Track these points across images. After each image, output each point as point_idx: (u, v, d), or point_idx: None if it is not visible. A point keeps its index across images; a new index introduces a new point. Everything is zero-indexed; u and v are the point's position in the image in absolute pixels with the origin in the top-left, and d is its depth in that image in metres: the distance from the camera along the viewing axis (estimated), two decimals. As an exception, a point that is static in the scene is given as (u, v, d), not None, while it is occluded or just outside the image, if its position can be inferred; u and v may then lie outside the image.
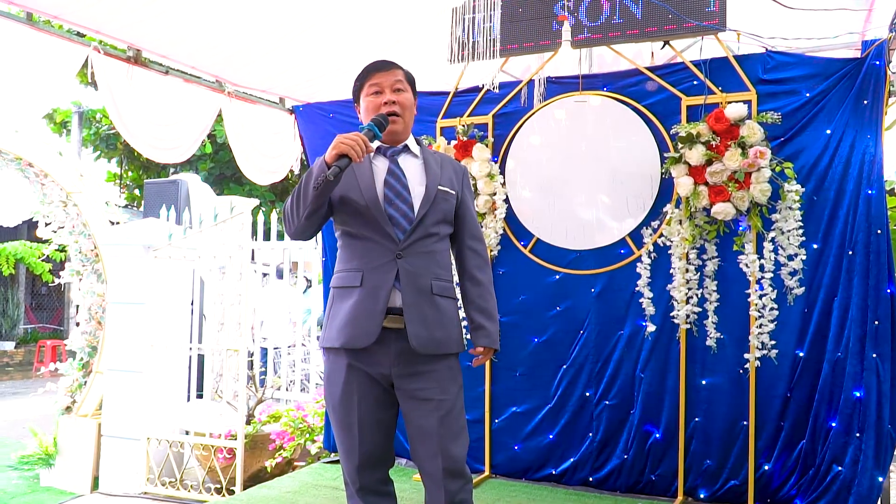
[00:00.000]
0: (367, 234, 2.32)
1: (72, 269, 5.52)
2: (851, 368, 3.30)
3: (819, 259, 3.43)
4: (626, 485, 3.75)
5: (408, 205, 2.32)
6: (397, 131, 2.40)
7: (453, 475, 2.27)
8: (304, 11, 4.10)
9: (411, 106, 2.45)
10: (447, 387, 2.32)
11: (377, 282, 2.28)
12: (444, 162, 2.48)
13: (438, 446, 2.26)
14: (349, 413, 2.32)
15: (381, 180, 2.35)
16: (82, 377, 5.40)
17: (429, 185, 2.36)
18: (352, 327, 2.28)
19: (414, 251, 2.30)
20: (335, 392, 2.34)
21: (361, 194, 2.31)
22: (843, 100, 3.37)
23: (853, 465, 3.26)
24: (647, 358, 3.72)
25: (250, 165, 5.15)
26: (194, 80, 4.66)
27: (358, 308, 2.28)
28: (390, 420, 2.38)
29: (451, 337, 2.35)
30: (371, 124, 2.27)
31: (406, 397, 2.31)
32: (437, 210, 2.35)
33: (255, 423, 4.91)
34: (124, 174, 11.57)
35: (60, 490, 5.07)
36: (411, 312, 2.26)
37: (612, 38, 3.68)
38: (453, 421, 2.30)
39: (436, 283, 2.32)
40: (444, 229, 2.40)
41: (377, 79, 2.42)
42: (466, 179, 2.54)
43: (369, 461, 2.34)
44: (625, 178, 3.74)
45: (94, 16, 3.87)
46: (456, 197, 2.44)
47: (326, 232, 4.47)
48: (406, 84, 2.45)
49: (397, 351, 2.28)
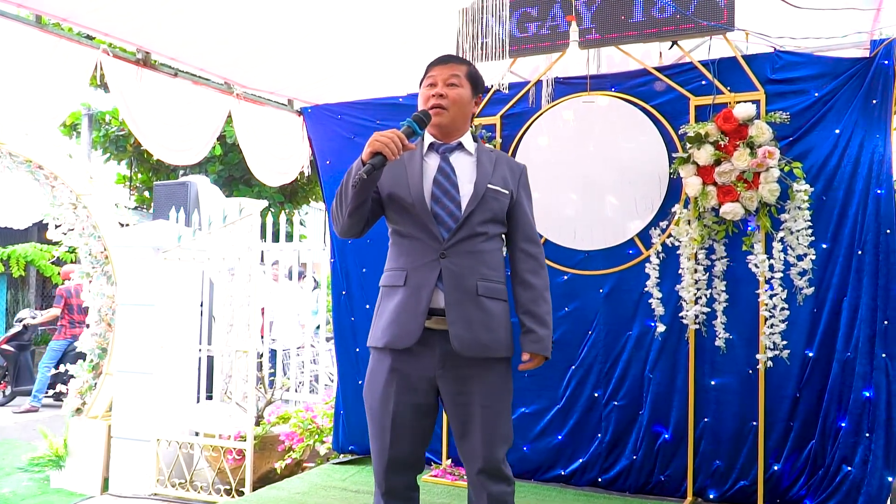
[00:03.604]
0: (413, 232, 2.29)
1: (82, 271, 5.55)
2: (861, 368, 3.29)
3: (828, 259, 3.42)
4: (635, 485, 3.75)
5: (455, 203, 2.27)
6: (443, 124, 2.35)
7: (494, 479, 2.28)
8: (310, 13, 4.12)
9: (464, 102, 2.37)
10: (492, 392, 2.27)
11: (420, 281, 2.24)
12: (500, 160, 2.41)
13: (480, 451, 2.25)
14: (384, 415, 2.29)
15: (431, 178, 2.31)
16: (92, 379, 5.42)
17: (478, 182, 2.30)
18: (395, 327, 2.26)
19: (459, 251, 2.25)
20: (375, 392, 2.32)
21: (409, 191, 2.28)
22: (852, 99, 3.36)
23: (863, 465, 3.25)
24: (655, 358, 3.71)
25: (261, 167, 5.17)
26: (203, 83, 4.69)
27: (401, 308, 2.26)
28: (425, 428, 2.34)
29: (498, 340, 2.28)
30: (410, 120, 2.23)
31: (450, 401, 2.28)
32: (486, 209, 2.29)
33: (265, 425, 4.92)
34: (134, 176, 11.61)
35: (71, 492, 5.09)
36: (454, 313, 2.21)
37: (619, 39, 3.68)
38: (497, 427, 2.27)
39: (482, 284, 2.26)
40: (493, 229, 2.33)
41: (434, 72, 2.38)
42: (524, 179, 2.46)
43: (397, 465, 2.31)
44: (633, 178, 3.74)
45: (104, 18, 3.90)
46: (510, 197, 2.36)
47: (335, 234, 4.48)
48: (463, 80, 2.37)
49: (442, 353, 2.25)
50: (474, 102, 2.43)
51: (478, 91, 2.44)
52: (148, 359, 4.89)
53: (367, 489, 3.87)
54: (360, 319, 4.40)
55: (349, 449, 4.45)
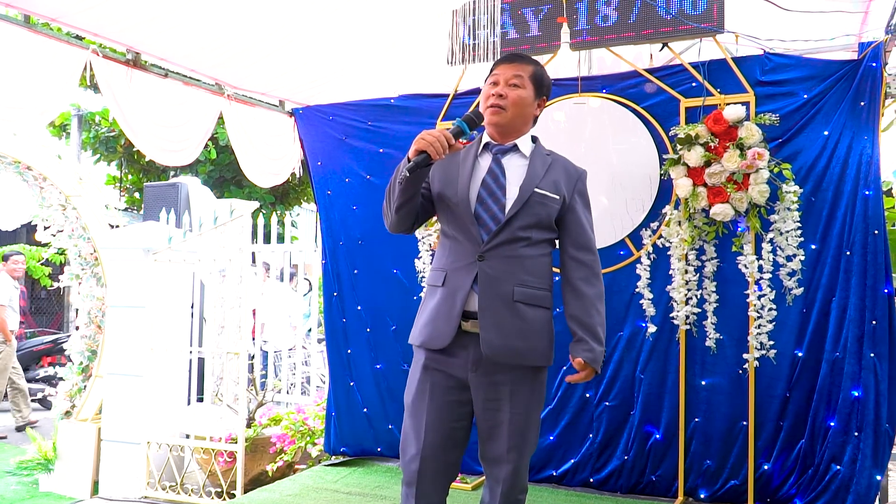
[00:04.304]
0: (456, 233, 2.28)
1: (71, 273, 5.52)
2: (849, 368, 3.31)
3: (817, 259, 3.44)
4: (626, 485, 3.76)
5: (499, 205, 2.23)
6: (501, 124, 2.31)
7: (514, 485, 2.27)
8: (302, 14, 4.11)
9: (525, 104, 2.31)
10: (523, 400, 2.25)
11: (457, 283, 2.23)
12: (555, 165, 2.34)
13: (505, 457, 2.24)
14: (419, 412, 2.28)
15: (480, 179, 2.28)
16: (82, 381, 5.40)
17: (524, 186, 2.25)
18: (431, 327, 2.26)
19: (498, 254, 2.21)
20: (411, 389, 2.32)
21: (456, 191, 2.26)
22: (841, 101, 3.39)
23: (851, 464, 3.27)
24: (646, 359, 3.73)
25: (253, 168, 5.16)
26: (194, 83, 4.68)
27: (438, 309, 2.25)
28: (459, 432, 2.30)
29: (534, 349, 2.24)
30: (459, 120, 2.21)
31: (480, 405, 2.26)
32: (530, 213, 2.23)
33: (256, 427, 4.91)
34: (124, 177, 11.54)
35: (60, 495, 5.07)
36: (486, 318, 2.18)
37: (610, 41, 3.69)
38: (525, 435, 2.25)
39: (519, 290, 2.21)
40: (538, 234, 2.27)
41: (498, 70, 2.33)
42: (581, 185, 2.37)
43: (430, 467, 2.27)
44: (624, 179, 3.75)
45: (93, 18, 3.88)
46: (561, 202, 2.29)
47: (326, 235, 4.48)
48: (527, 81, 2.31)
49: (475, 357, 2.22)
50: (537, 105, 2.38)
51: (542, 93, 2.38)
52: (138, 361, 4.87)
53: (358, 491, 3.87)
54: (352, 321, 4.40)
55: (341, 451, 4.44)
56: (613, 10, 3.65)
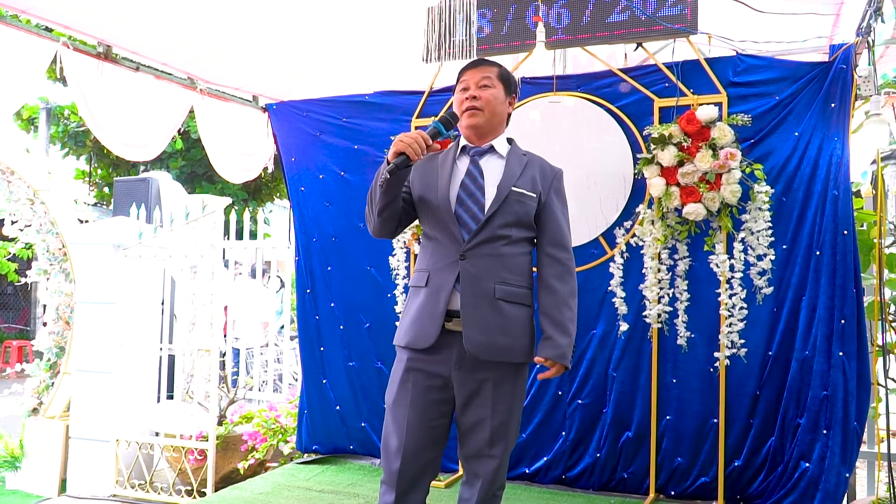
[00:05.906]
0: (438, 234, 2.32)
1: (39, 269, 5.42)
2: (819, 367, 3.35)
3: (788, 259, 3.48)
4: (598, 483, 3.78)
5: (479, 206, 2.28)
6: (479, 125, 2.37)
7: (493, 479, 2.30)
8: (278, 9, 4.08)
9: (498, 102, 2.39)
10: (506, 396, 2.28)
11: (440, 283, 2.27)
12: (531, 164, 2.40)
13: (487, 452, 2.28)
14: (399, 412, 2.30)
15: (459, 181, 2.33)
16: (49, 378, 5.31)
17: (501, 184, 2.30)
18: (416, 327, 2.29)
19: (479, 253, 2.26)
20: (392, 389, 2.34)
21: (436, 194, 2.31)
22: (812, 103, 3.43)
23: (820, 461, 3.31)
24: (619, 357, 3.75)
25: (224, 164, 5.10)
26: (165, 77, 4.61)
27: (422, 309, 2.29)
28: (439, 430, 2.33)
29: (515, 345, 2.28)
30: (436, 121, 2.28)
31: (462, 401, 2.30)
32: (509, 212, 2.28)
33: (227, 424, 4.87)
34: (93, 172, 11.37)
35: (27, 493, 4.99)
36: (469, 316, 2.23)
37: (585, 40, 3.70)
38: (506, 431, 2.29)
39: (500, 288, 2.25)
40: (517, 233, 2.32)
41: (466, 76, 2.41)
42: (557, 183, 2.43)
43: (410, 467, 2.29)
44: (598, 178, 3.77)
45: (64, 11, 3.81)
46: (537, 200, 2.35)
47: (300, 231, 4.44)
48: (496, 81, 2.39)
49: (459, 355, 2.26)
50: (508, 103, 2.46)
51: (511, 91, 2.46)
52: (107, 358, 4.81)
53: (331, 489, 3.85)
54: (325, 318, 4.37)
55: (313, 448, 4.42)
56: (589, 9, 3.66)
